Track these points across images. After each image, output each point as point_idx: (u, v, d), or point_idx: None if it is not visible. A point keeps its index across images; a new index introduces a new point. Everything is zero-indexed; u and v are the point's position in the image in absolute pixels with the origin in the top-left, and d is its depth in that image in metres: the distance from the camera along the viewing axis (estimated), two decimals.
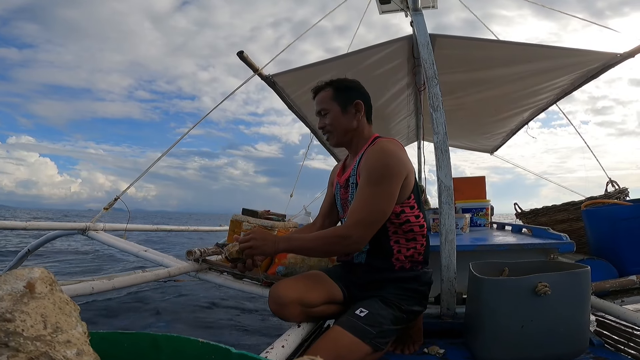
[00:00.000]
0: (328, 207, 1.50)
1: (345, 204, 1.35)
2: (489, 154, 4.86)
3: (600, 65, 2.42)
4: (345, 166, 1.44)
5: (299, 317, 1.17)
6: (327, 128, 1.34)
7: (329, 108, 1.33)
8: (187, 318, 3.02)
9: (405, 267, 1.25)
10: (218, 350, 0.49)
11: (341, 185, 1.38)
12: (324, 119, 1.35)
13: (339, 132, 1.33)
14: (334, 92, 1.34)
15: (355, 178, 1.28)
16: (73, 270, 5.10)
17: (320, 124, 1.37)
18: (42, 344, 0.36)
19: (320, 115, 1.36)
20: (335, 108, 1.32)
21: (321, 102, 1.35)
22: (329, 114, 1.33)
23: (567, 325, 1.11)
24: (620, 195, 2.64)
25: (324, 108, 1.34)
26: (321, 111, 1.35)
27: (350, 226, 1.16)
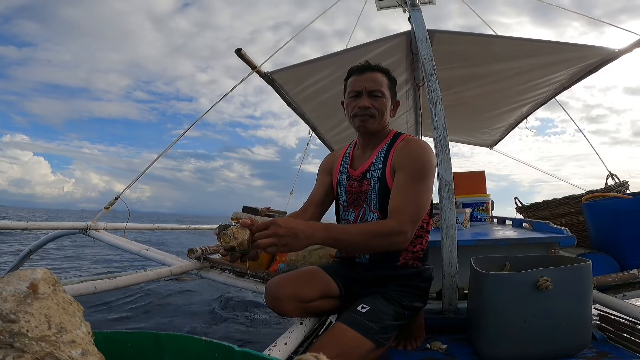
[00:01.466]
0: (321, 196, 1.43)
1: (359, 197, 1.31)
2: (489, 149, 4.86)
3: (598, 60, 2.42)
4: (354, 157, 1.39)
5: (295, 312, 1.18)
6: (372, 111, 1.26)
7: (385, 93, 1.27)
8: (190, 317, 3.03)
9: (407, 265, 1.25)
10: (221, 349, 0.49)
11: (354, 178, 1.33)
12: (372, 100, 1.27)
13: (381, 120, 1.28)
14: (389, 81, 1.30)
15: (380, 172, 1.25)
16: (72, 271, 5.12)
17: (366, 103, 1.26)
18: (47, 345, 0.36)
19: (370, 95, 1.27)
20: (387, 96, 1.28)
21: (378, 82, 1.27)
22: (381, 99, 1.27)
23: (569, 320, 1.11)
24: (621, 188, 2.64)
25: (380, 90, 1.26)
26: (374, 92, 1.26)
27: (405, 222, 1.10)
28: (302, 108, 3.07)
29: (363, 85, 1.27)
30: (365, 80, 1.27)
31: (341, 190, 1.38)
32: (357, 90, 1.27)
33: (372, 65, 1.30)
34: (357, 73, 1.30)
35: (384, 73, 1.30)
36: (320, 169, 1.50)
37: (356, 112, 1.28)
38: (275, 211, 2.78)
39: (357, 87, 1.28)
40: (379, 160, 1.28)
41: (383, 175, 1.25)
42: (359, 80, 1.28)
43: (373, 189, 1.26)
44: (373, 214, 1.26)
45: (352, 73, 1.32)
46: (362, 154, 1.36)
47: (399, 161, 1.22)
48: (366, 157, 1.33)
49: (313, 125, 3.50)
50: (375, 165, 1.28)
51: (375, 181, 1.26)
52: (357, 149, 1.40)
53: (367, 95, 1.27)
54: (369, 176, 1.28)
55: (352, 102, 1.29)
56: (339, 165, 1.42)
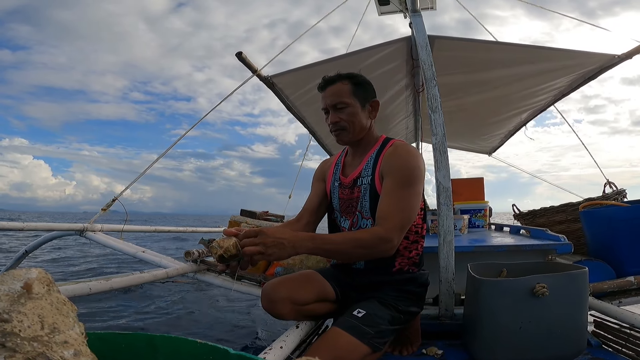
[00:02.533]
0: (316, 204, 1.42)
1: (350, 204, 1.31)
2: (487, 155, 4.87)
3: (598, 67, 2.43)
4: (345, 164, 1.39)
5: (290, 315, 1.18)
6: (342, 124, 1.26)
7: (348, 102, 1.25)
8: (185, 319, 3.02)
9: (403, 270, 1.25)
10: (216, 351, 0.48)
11: (345, 185, 1.33)
12: (338, 113, 1.26)
13: (356, 129, 1.27)
14: (352, 86, 1.27)
15: (370, 179, 1.25)
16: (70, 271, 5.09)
17: (334, 119, 1.27)
18: (39, 345, 0.36)
19: (334, 109, 1.27)
20: (354, 104, 1.26)
21: (338, 94, 1.26)
22: (346, 109, 1.25)
23: (565, 326, 1.11)
24: (618, 196, 2.65)
25: (342, 101, 1.25)
26: (337, 104, 1.26)
27: (392, 229, 1.09)
28: (301, 112, 3.08)
29: (326, 102, 1.28)
30: (327, 96, 1.28)
31: (334, 197, 1.38)
32: (324, 107, 1.30)
33: (332, 77, 1.29)
34: (320, 90, 1.31)
35: (346, 79, 1.28)
36: (315, 176, 1.50)
37: (330, 129, 1.30)
38: (273, 215, 2.78)
39: (323, 104, 1.30)
40: (369, 166, 1.27)
41: (372, 182, 1.24)
42: (323, 97, 1.29)
43: (364, 196, 1.26)
44: (366, 220, 1.26)
45: (319, 90, 1.33)
46: (353, 161, 1.36)
47: (387, 167, 1.21)
48: (356, 164, 1.33)
49: (312, 129, 3.51)
50: (365, 172, 1.28)
51: (366, 188, 1.26)
52: (348, 155, 1.40)
53: (332, 110, 1.27)
54: (360, 183, 1.28)
55: (326, 120, 1.31)
56: (332, 173, 1.42)
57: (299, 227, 1.37)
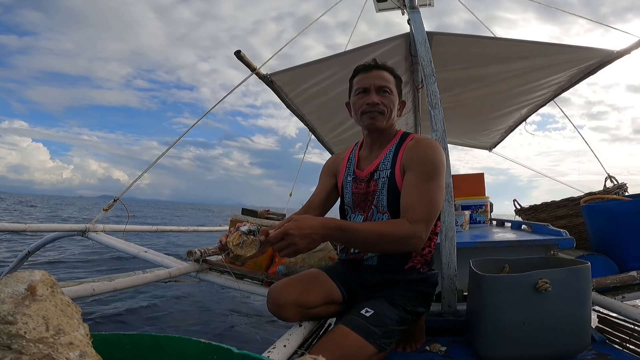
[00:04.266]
0: (322, 199, 1.41)
1: (366, 199, 1.28)
2: (488, 151, 4.87)
3: (597, 62, 2.43)
4: (360, 158, 1.37)
5: (297, 318, 1.18)
6: (381, 107, 1.24)
7: (392, 91, 1.26)
8: (189, 318, 3.02)
9: (415, 268, 1.23)
10: (220, 351, 0.49)
11: (361, 178, 1.30)
12: (380, 96, 1.25)
13: (389, 118, 1.27)
14: (396, 80, 1.29)
15: (389, 172, 1.23)
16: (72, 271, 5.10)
17: (375, 99, 1.24)
18: (44, 346, 0.36)
19: (378, 91, 1.25)
20: (395, 94, 1.27)
21: (386, 80, 1.26)
22: (390, 96, 1.25)
23: (569, 322, 1.11)
24: (619, 190, 2.65)
25: (388, 87, 1.25)
26: (383, 87, 1.25)
27: (419, 223, 1.07)
28: (301, 110, 3.07)
29: (371, 82, 1.25)
30: (373, 77, 1.25)
31: (347, 192, 1.36)
32: (365, 87, 1.25)
33: (378, 63, 1.29)
34: (364, 71, 1.28)
35: (390, 72, 1.29)
36: (324, 170, 1.47)
37: (365, 109, 1.25)
38: (274, 213, 2.78)
39: (364, 84, 1.26)
40: (388, 159, 1.25)
41: (392, 176, 1.22)
42: (366, 77, 1.26)
43: (381, 190, 1.23)
44: (382, 215, 1.23)
45: (358, 71, 1.30)
46: (369, 154, 1.33)
47: (410, 160, 1.19)
48: (373, 157, 1.31)
49: (312, 127, 3.51)
50: (383, 165, 1.26)
51: (384, 182, 1.23)
52: (364, 149, 1.37)
53: (375, 91, 1.25)
54: (377, 176, 1.26)
55: (360, 100, 1.27)
56: (344, 167, 1.39)
57: None
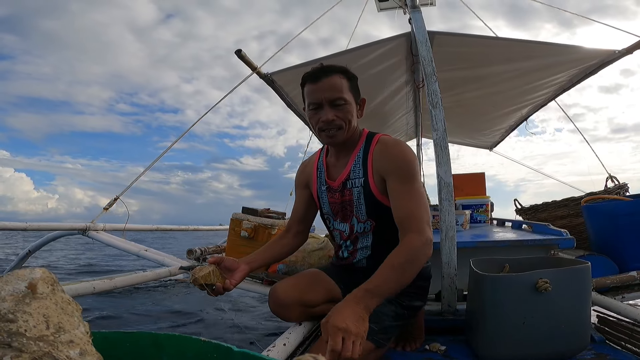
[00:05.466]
0: (303, 212, 1.36)
1: (344, 208, 1.23)
2: (488, 150, 4.87)
3: (598, 62, 2.43)
4: (329, 166, 1.28)
5: (299, 318, 1.18)
6: (338, 122, 1.13)
7: (347, 99, 1.13)
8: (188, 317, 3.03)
9: None
10: (220, 349, 0.49)
11: (334, 189, 1.24)
12: (335, 110, 1.12)
13: (350, 128, 1.16)
14: (348, 82, 1.15)
15: (362, 180, 1.17)
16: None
17: (329, 116, 1.12)
18: (45, 344, 0.36)
19: (332, 106, 1.12)
20: (351, 101, 1.14)
21: (337, 89, 1.11)
22: (345, 106, 1.12)
23: (568, 322, 1.11)
24: (620, 190, 2.64)
25: (341, 97, 1.12)
26: (336, 100, 1.11)
27: (424, 228, 1.03)
28: (301, 109, 3.07)
29: (322, 96, 1.12)
30: (323, 89, 1.11)
31: (324, 202, 1.29)
32: (317, 102, 1.13)
33: (326, 68, 1.14)
34: (311, 81, 1.14)
35: (341, 74, 1.14)
36: (297, 184, 1.40)
37: (321, 127, 1.15)
38: (274, 212, 2.78)
39: (316, 98, 1.13)
40: (358, 167, 1.19)
41: (366, 184, 1.16)
42: (316, 90, 1.13)
43: (358, 199, 1.19)
44: (363, 224, 1.21)
45: (305, 81, 1.17)
46: (337, 161, 1.26)
47: (384, 167, 1.14)
48: (342, 165, 1.23)
49: None
50: (354, 174, 1.19)
51: (359, 191, 1.18)
52: (330, 156, 1.29)
53: (328, 105, 1.12)
54: (350, 185, 1.19)
55: (315, 116, 1.15)
56: (315, 177, 1.31)
57: (289, 237, 1.35)
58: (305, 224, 1.38)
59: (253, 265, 1.19)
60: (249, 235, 1.95)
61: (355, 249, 1.25)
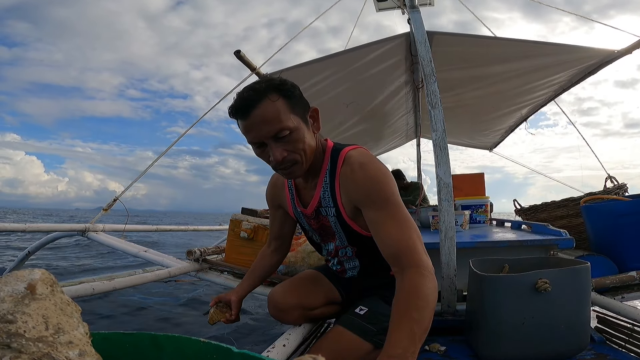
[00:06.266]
0: (278, 228, 1.29)
1: (325, 231, 1.14)
2: (488, 151, 4.87)
3: (598, 62, 2.43)
4: (298, 188, 1.14)
5: (298, 320, 1.19)
6: (290, 158, 0.92)
7: (292, 126, 0.89)
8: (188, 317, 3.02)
9: None
10: (219, 350, 0.49)
11: (309, 216, 1.12)
12: (283, 145, 0.90)
13: (308, 157, 0.96)
14: (287, 100, 0.89)
15: (333, 210, 1.04)
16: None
17: (279, 155, 0.90)
18: (44, 345, 0.36)
19: (275, 140, 0.90)
20: (299, 124, 0.91)
21: (275, 119, 0.87)
22: (291, 136, 0.90)
23: (568, 322, 1.11)
24: (619, 190, 2.65)
25: (284, 127, 0.88)
26: (278, 133, 0.88)
27: (421, 262, 0.86)
28: None
29: (259, 134, 0.89)
30: (258, 125, 0.88)
31: (304, 224, 1.20)
32: (257, 141, 0.92)
33: (253, 95, 0.88)
34: (241, 118, 0.90)
35: (273, 93, 0.88)
36: (268, 201, 1.29)
37: (274, 166, 0.96)
38: None
39: (253, 137, 0.91)
40: (327, 194, 1.03)
41: (339, 213, 1.04)
42: (250, 127, 0.89)
43: (335, 227, 1.08)
44: (347, 249, 1.14)
45: (234, 116, 0.92)
46: (306, 184, 1.10)
47: (353, 197, 0.98)
48: (312, 188, 1.08)
49: None
50: (324, 202, 1.05)
51: (334, 221, 1.06)
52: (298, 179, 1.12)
53: (272, 141, 0.90)
54: (324, 213, 1.07)
55: (262, 154, 0.95)
56: (289, 200, 1.17)
57: (270, 256, 1.33)
58: (283, 239, 1.32)
59: (242, 294, 1.24)
60: (249, 236, 1.95)
61: (344, 269, 1.22)
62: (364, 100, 3.18)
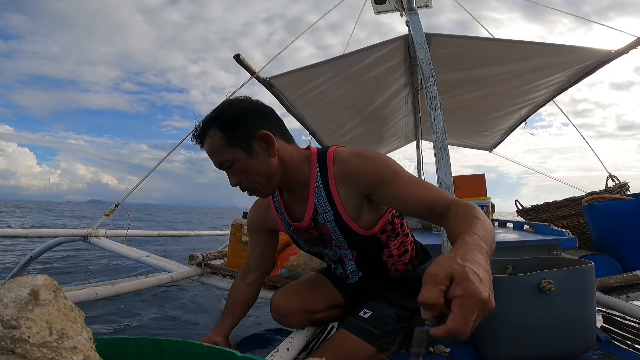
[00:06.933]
0: (259, 257, 1.24)
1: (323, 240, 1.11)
2: (488, 151, 4.87)
3: (595, 62, 2.43)
4: (287, 206, 1.11)
5: (301, 324, 1.18)
6: (245, 185, 0.98)
7: (230, 158, 0.94)
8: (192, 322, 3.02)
9: (400, 271, 1.20)
10: (223, 354, 0.49)
11: (306, 228, 1.09)
12: (232, 174, 0.97)
13: (261, 181, 0.97)
14: (223, 134, 0.93)
15: (332, 213, 1.00)
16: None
17: (232, 182, 0.98)
18: (48, 351, 0.36)
19: (226, 169, 0.98)
20: (237, 155, 0.94)
21: (216, 152, 0.95)
22: (233, 166, 0.95)
23: (573, 322, 1.10)
24: (621, 189, 2.64)
25: (224, 160, 0.95)
26: (222, 164, 0.96)
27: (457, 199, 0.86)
28: (300, 113, 3.08)
29: (214, 162, 0.98)
30: (209, 154, 0.97)
31: (297, 240, 1.18)
32: (217, 166, 0.99)
33: (200, 130, 0.96)
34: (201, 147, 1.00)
35: (213, 128, 0.94)
36: (250, 228, 1.26)
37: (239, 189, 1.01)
38: None
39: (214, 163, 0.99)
40: (322, 199, 1.00)
41: (337, 216, 1.00)
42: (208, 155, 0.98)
43: (334, 232, 1.05)
44: (346, 250, 1.12)
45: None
46: (295, 199, 1.07)
47: (365, 182, 0.95)
48: (303, 201, 1.05)
49: (312, 130, 3.51)
50: (320, 208, 1.01)
51: (333, 225, 1.03)
52: (285, 195, 1.12)
53: (226, 170, 0.98)
54: (322, 220, 1.04)
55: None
56: (279, 219, 1.15)
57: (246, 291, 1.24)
58: (263, 270, 1.26)
59: (226, 333, 1.17)
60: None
61: (346, 274, 1.20)
62: (363, 103, 3.19)
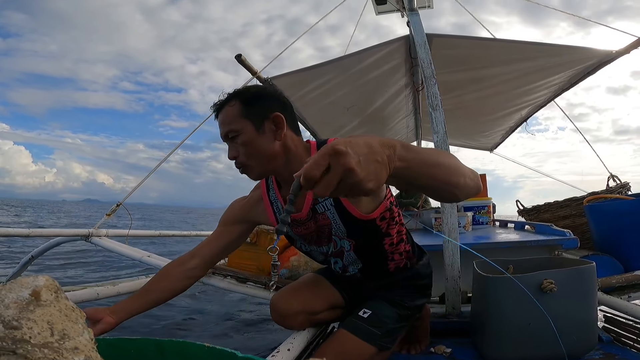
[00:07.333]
0: (223, 248, 1.18)
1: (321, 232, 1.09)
2: (489, 152, 4.87)
3: (596, 62, 2.43)
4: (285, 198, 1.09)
5: (302, 326, 1.17)
6: (241, 159, 0.98)
7: (239, 128, 0.97)
8: (192, 323, 3.02)
9: (400, 267, 1.18)
10: (224, 355, 0.49)
11: (302, 220, 1.08)
12: (233, 145, 0.99)
13: (258, 160, 0.98)
14: (242, 106, 0.98)
15: (332, 199, 1.01)
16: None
17: (230, 153, 0.99)
18: (49, 351, 0.36)
19: (228, 140, 0.99)
20: (246, 127, 0.97)
21: (228, 120, 0.98)
22: (239, 137, 0.97)
23: (575, 322, 1.10)
24: (622, 189, 2.64)
25: (232, 129, 0.97)
26: (227, 133, 0.98)
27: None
28: (302, 114, 3.08)
29: (221, 131, 1.01)
30: (220, 125, 1.01)
31: (292, 236, 1.17)
32: (222, 137, 1.02)
33: (222, 101, 1.02)
34: (215, 117, 1.04)
35: (234, 99, 0.99)
36: (226, 219, 1.21)
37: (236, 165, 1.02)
38: None
39: (220, 133, 1.02)
40: None
41: (337, 201, 1.01)
42: (218, 124, 1.02)
43: (334, 220, 1.04)
44: (347, 240, 1.09)
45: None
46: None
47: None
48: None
49: (313, 130, 3.51)
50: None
51: (332, 212, 1.03)
52: (283, 188, 1.10)
53: (228, 142, 1.00)
54: (322, 209, 1.04)
55: None
56: (271, 213, 1.13)
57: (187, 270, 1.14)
58: (210, 263, 1.19)
59: (122, 316, 0.97)
60: (251, 241, 1.95)
61: (346, 266, 1.17)
62: (364, 103, 3.19)
